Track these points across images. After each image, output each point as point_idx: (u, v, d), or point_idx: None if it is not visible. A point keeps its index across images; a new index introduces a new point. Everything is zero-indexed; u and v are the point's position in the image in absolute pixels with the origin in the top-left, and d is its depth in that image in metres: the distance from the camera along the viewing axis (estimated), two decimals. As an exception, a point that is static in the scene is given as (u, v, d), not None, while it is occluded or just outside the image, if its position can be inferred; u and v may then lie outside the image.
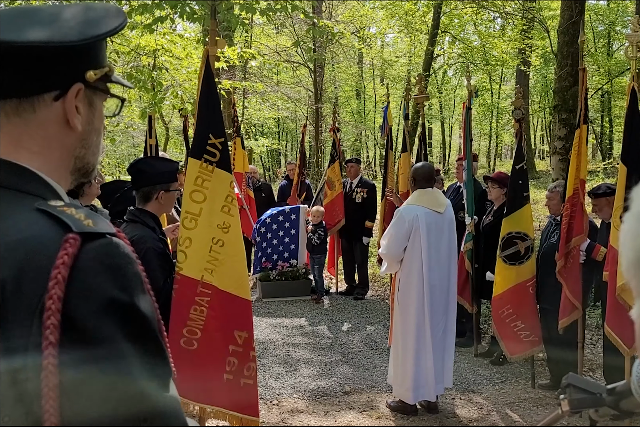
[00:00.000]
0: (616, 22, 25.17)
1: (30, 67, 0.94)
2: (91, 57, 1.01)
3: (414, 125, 16.57)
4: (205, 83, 3.48)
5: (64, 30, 0.95)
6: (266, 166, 35.03)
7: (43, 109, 0.98)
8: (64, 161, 1.03)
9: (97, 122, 1.07)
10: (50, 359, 0.76)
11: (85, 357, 0.79)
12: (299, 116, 28.15)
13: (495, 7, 17.90)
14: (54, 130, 1.00)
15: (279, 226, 8.70)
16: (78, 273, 0.82)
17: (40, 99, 0.97)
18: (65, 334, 0.78)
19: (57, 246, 0.83)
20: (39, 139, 0.99)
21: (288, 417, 4.87)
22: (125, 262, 0.88)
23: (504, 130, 28.95)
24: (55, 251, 0.82)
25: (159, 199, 3.35)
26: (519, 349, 5.35)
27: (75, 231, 0.85)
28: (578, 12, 9.09)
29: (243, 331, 3.34)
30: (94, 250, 0.85)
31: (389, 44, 31.35)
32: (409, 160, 7.65)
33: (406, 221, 4.64)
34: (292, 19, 17.49)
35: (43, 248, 0.83)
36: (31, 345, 0.77)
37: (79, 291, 0.81)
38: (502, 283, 5.39)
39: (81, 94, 1.00)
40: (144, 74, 7.74)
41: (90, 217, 0.90)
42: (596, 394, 1.10)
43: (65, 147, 1.02)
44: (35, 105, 0.97)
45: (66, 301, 0.79)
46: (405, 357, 4.78)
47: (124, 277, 0.86)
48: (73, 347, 0.78)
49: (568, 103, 8.78)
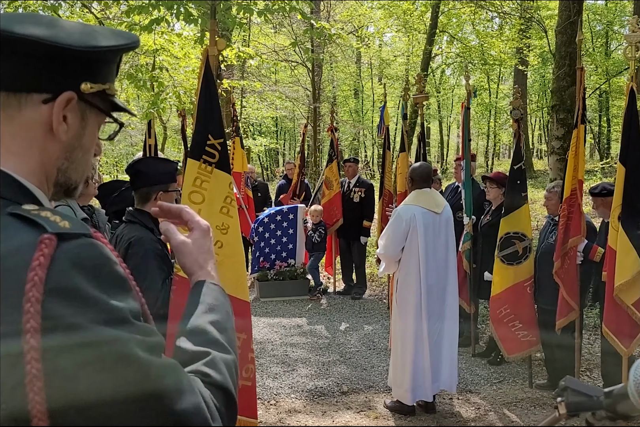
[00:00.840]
0: (614, 22, 25.22)
1: (24, 62, 0.93)
2: (89, 69, 1.00)
3: (412, 124, 16.58)
4: (204, 83, 3.46)
5: (64, 34, 0.95)
6: (264, 165, 35.04)
7: (29, 108, 0.96)
8: (46, 168, 1.01)
9: (86, 139, 1.05)
10: (33, 363, 0.76)
11: (67, 358, 0.78)
12: (297, 115, 28.16)
13: (493, 7, 17.91)
14: (36, 134, 0.98)
15: (277, 226, 8.71)
16: (54, 274, 0.81)
17: (29, 97, 0.96)
18: (45, 336, 0.77)
19: (32, 247, 0.82)
20: (19, 140, 0.97)
21: (286, 417, 4.87)
22: (102, 263, 0.87)
23: (502, 130, 29.01)
24: (30, 252, 0.82)
25: (157, 200, 3.35)
26: (516, 349, 5.35)
27: (50, 231, 0.84)
28: (576, 12, 9.11)
29: (241, 333, 3.32)
30: (69, 250, 0.84)
31: (387, 44, 31.38)
32: (407, 160, 7.66)
33: (403, 220, 4.65)
34: (291, 19, 17.48)
35: (18, 250, 0.82)
36: (12, 349, 0.77)
37: (57, 292, 0.80)
38: (500, 283, 5.39)
39: (73, 104, 0.99)
40: (144, 74, 7.74)
41: (66, 219, 0.89)
42: (593, 397, 1.11)
43: (47, 154, 1.00)
44: (22, 102, 0.95)
45: (43, 302, 0.78)
46: (404, 358, 4.78)
47: (99, 277, 0.85)
48: (54, 348, 0.78)
49: (566, 103, 8.79)
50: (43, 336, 0.77)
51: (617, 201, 4.40)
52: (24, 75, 0.95)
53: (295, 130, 33.74)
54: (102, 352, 0.80)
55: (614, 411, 1.06)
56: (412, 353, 4.71)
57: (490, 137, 31.17)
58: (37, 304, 0.78)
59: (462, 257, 6.10)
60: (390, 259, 4.79)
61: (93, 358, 0.79)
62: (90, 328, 0.80)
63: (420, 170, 4.87)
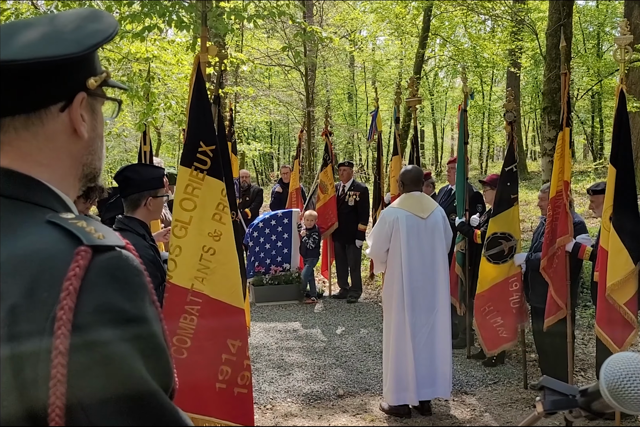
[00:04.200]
0: (605, 23, 25.33)
1: (34, 83, 0.95)
2: (90, 65, 1.03)
3: (406, 128, 16.62)
4: (196, 90, 3.47)
5: (63, 42, 0.96)
6: (259, 170, 35.05)
7: (51, 121, 0.99)
8: (73, 170, 1.05)
9: (99, 127, 1.09)
10: (59, 368, 0.79)
11: (91, 368, 0.81)
12: (291, 120, 28.18)
13: (484, 10, 17.98)
14: (62, 141, 1.01)
15: (271, 230, 8.73)
16: (88, 285, 0.84)
17: (48, 111, 0.98)
18: (74, 343, 0.80)
19: (69, 258, 0.85)
20: (47, 151, 1.00)
21: (282, 421, 4.88)
22: (133, 275, 0.90)
23: (495, 132, 29.07)
24: (67, 263, 0.85)
25: (147, 206, 3.36)
26: (496, 345, 5.44)
27: (86, 243, 0.87)
28: (566, 14, 9.15)
29: (236, 340, 3.31)
30: (103, 262, 0.87)
31: (380, 47, 31.45)
32: (400, 163, 7.69)
33: (387, 222, 4.77)
34: (283, 24, 17.53)
35: (56, 260, 0.86)
36: (43, 352, 0.80)
37: (89, 302, 0.83)
38: (485, 281, 5.46)
39: (85, 102, 1.02)
40: (137, 82, 7.75)
41: (100, 230, 0.92)
42: (569, 396, 1.15)
43: (73, 156, 1.04)
44: (44, 118, 0.98)
45: (76, 311, 0.82)
46: (386, 357, 4.88)
47: (131, 289, 0.88)
48: (80, 355, 0.81)
49: (557, 105, 8.82)
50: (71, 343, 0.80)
51: (609, 202, 4.44)
52: (38, 94, 0.97)
53: (290, 135, 33.79)
54: (112, 368, 0.82)
55: (589, 408, 1.10)
56: (393, 353, 4.79)
57: (484, 139, 31.26)
58: (69, 312, 0.81)
59: (455, 259, 6.13)
60: (376, 259, 4.95)
61: (104, 373, 0.82)
62: (111, 342, 0.83)
63: (411, 174, 4.93)
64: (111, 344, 0.83)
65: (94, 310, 0.83)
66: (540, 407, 1.19)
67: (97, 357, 0.82)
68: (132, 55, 8.07)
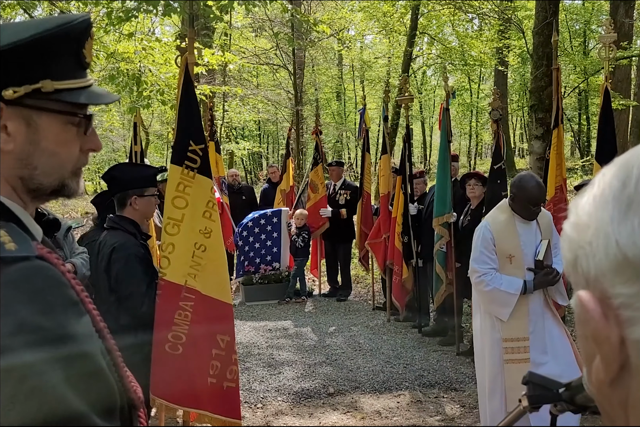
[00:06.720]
0: (591, 21, 25.50)
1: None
2: (6, 73, 0.94)
3: (394, 126, 16.65)
4: (184, 90, 3.51)
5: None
6: (247, 169, 34.99)
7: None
8: (6, 179, 0.97)
9: (47, 142, 0.99)
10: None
11: (15, 400, 0.76)
12: (279, 119, 28.16)
13: (472, 8, 18.04)
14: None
15: (261, 229, 8.73)
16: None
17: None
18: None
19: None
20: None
21: (272, 419, 4.90)
22: (47, 285, 0.84)
23: (483, 130, 29.18)
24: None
25: (132, 205, 3.38)
26: None
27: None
28: (552, 13, 9.20)
29: (225, 335, 3.37)
30: (10, 274, 0.81)
31: (368, 46, 31.49)
32: (389, 162, 7.72)
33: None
34: (272, 22, 17.51)
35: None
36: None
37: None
38: None
39: (7, 113, 0.94)
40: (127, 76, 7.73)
41: (15, 240, 0.86)
42: (553, 390, 1.17)
43: (2, 168, 0.96)
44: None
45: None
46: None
47: (44, 301, 0.82)
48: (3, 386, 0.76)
49: (544, 102, 8.87)
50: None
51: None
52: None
53: (278, 134, 33.76)
54: (19, 377, 0.77)
55: (573, 402, 1.12)
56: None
57: (472, 137, 31.37)
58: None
59: (435, 259, 6.15)
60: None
61: (9, 386, 0.76)
62: (17, 352, 0.78)
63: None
64: (33, 373, 0.77)
65: (7, 332, 0.77)
66: (526, 401, 1.22)
67: (25, 389, 0.76)
68: (118, 55, 8.05)
